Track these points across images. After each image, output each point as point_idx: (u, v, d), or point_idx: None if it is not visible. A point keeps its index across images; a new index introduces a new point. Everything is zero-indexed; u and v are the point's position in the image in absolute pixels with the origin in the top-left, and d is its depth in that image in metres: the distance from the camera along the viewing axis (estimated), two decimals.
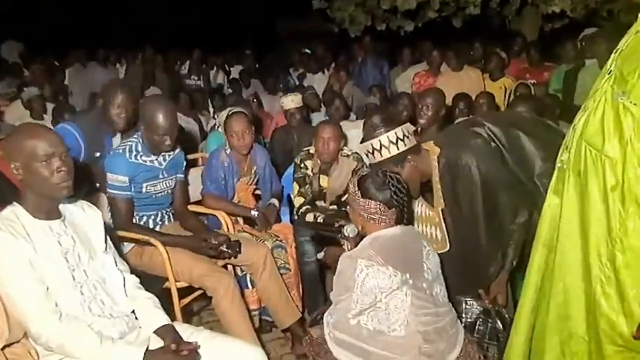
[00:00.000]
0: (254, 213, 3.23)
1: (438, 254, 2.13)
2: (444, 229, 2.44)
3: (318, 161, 3.33)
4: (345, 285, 1.95)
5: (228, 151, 3.28)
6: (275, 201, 3.43)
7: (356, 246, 2.12)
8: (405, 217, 2.07)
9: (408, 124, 2.37)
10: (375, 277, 1.89)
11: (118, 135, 3.13)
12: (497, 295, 2.40)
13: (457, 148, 2.34)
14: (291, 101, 4.39)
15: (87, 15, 12.38)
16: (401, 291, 1.92)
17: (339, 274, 2.00)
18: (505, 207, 2.33)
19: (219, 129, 3.36)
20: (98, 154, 3.04)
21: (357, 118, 5.30)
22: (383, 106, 5.21)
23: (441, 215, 2.44)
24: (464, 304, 2.39)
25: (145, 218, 2.90)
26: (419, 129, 3.69)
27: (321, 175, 3.38)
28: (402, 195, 2.02)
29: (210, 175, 3.26)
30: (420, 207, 2.55)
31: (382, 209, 2.01)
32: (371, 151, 2.31)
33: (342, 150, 3.36)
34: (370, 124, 3.85)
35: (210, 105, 6.44)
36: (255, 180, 3.47)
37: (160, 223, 2.96)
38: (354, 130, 4.17)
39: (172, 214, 3.05)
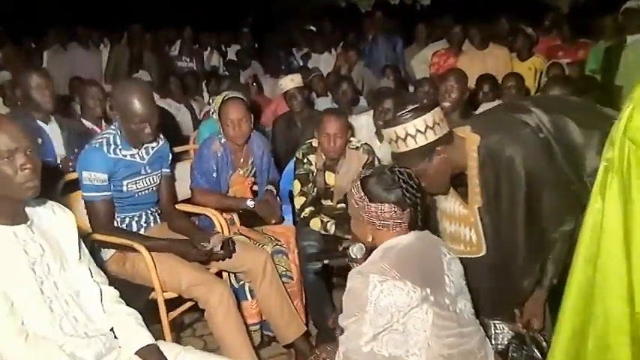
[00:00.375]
0: (250, 203, 3.20)
1: (471, 259, 2.03)
2: (480, 231, 2.32)
3: (323, 156, 3.28)
4: (355, 305, 1.88)
5: (223, 140, 3.25)
6: (270, 187, 3.40)
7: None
8: (420, 220, 2.00)
9: (438, 108, 2.19)
10: (391, 293, 1.82)
11: (54, 121, 3.19)
12: (532, 318, 2.31)
13: (501, 137, 2.19)
14: (291, 81, 4.37)
15: None
16: (420, 309, 1.84)
17: (348, 292, 1.92)
18: (549, 211, 2.21)
19: (214, 116, 3.31)
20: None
21: (368, 104, 5.26)
22: (397, 89, 5.15)
23: (477, 214, 2.31)
24: (493, 328, 2.30)
25: (127, 220, 2.87)
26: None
27: (326, 172, 3.32)
28: (414, 192, 1.95)
29: (200, 166, 3.22)
30: (451, 203, 2.40)
31: (397, 212, 1.93)
32: (394, 139, 2.17)
33: (350, 141, 3.30)
34: (382, 110, 3.82)
35: (205, 90, 6.39)
36: (253, 172, 3.45)
37: (145, 225, 2.93)
38: (364, 117, 4.13)
39: (159, 214, 3.02)
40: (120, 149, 2.73)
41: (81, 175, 2.68)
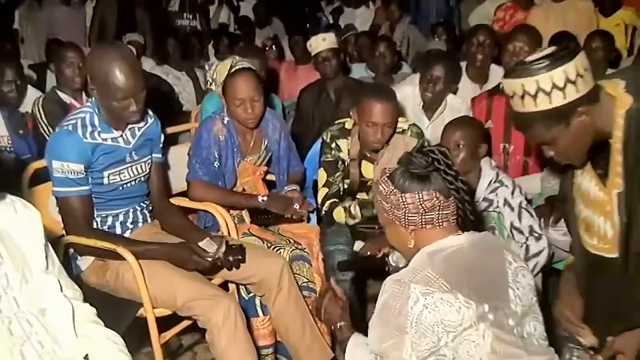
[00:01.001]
0: (262, 199, 3.22)
1: (604, 258, 1.99)
2: (617, 224, 2.15)
3: (358, 144, 3.27)
4: (392, 324, 1.85)
5: (226, 119, 3.25)
6: (295, 187, 3.41)
7: None
8: (469, 214, 1.98)
9: (583, 55, 2.00)
10: (438, 309, 1.79)
11: None
12: (621, 354, 2.23)
13: None
14: (323, 41, 4.41)
15: None
16: (476, 330, 1.81)
17: (383, 308, 1.89)
18: None
19: (215, 88, 3.31)
20: None
21: (413, 71, 5.22)
22: (451, 52, 5.12)
23: (616, 202, 2.14)
24: (567, 354, 2.27)
25: (109, 220, 2.88)
26: (500, 85, 3.58)
27: (363, 162, 3.31)
28: (454, 175, 1.93)
29: (199, 153, 3.22)
30: (587, 180, 2.25)
31: (440, 199, 1.92)
32: (519, 94, 2.02)
33: (397, 123, 3.23)
34: (432, 78, 3.80)
35: (213, 53, 6.43)
36: (267, 159, 3.44)
37: (131, 225, 2.95)
38: (408, 87, 4.10)
39: (149, 211, 3.04)
40: (99, 132, 2.72)
41: (51, 166, 2.68)
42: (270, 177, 3.62)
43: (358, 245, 3.18)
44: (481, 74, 4.29)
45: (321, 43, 4.39)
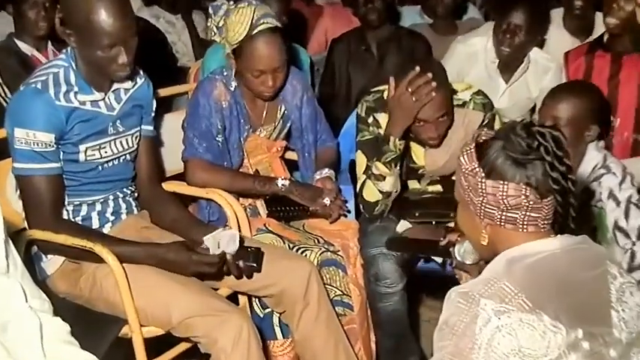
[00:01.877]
0: (282, 184, 3.25)
1: None
2: None
3: None
4: (453, 347, 1.87)
5: (234, 83, 3.28)
6: (329, 172, 3.42)
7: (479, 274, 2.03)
8: (570, 216, 1.97)
9: None
10: (515, 333, 1.80)
11: None
12: None
13: None
14: None
15: None
16: None
17: (443, 326, 1.91)
18: None
19: (221, 41, 3.28)
20: None
21: (485, 18, 5.20)
22: None
23: None
24: None
25: (83, 209, 2.91)
26: (605, 37, 3.61)
27: (412, 143, 3.30)
28: (563, 168, 1.91)
29: (198, 125, 3.26)
30: None
31: (530, 199, 1.91)
32: None
33: (455, 94, 3.24)
34: (509, 27, 3.79)
35: None
36: (285, 132, 3.48)
37: (112, 217, 2.98)
38: (476, 40, 4.12)
39: (135, 199, 3.07)
40: (75, 92, 2.74)
41: (12, 135, 2.70)
42: (291, 155, 3.65)
43: (402, 226, 3.19)
44: (583, 25, 4.25)
45: None
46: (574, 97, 3.01)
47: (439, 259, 3.09)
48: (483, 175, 1.94)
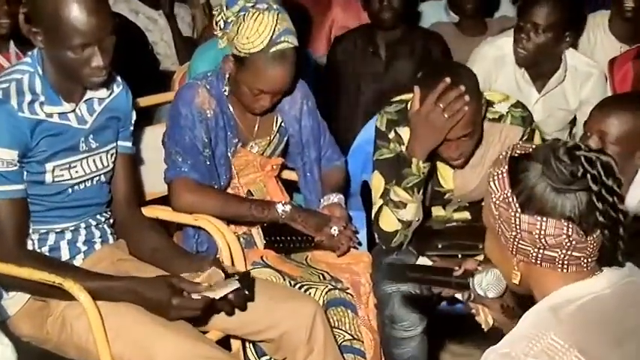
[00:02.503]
0: (282, 210, 3.24)
1: None
2: None
3: None
4: None
5: (217, 86, 3.28)
6: (337, 197, 3.42)
7: (513, 316, 2.03)
8: (620, 250, 1.94)
9: None
10: None
11: None
12: None
13: None
14: None
15: None
16: None
17: None
18: None
19: (224, 42, 3.26)
20: None
21: (519, 14, 5.21)
22: None
23: None
24: None
25: (51, 238, 2.89)
26: None
27: (439, 163, 3.28)
28: (613, 199, 1.88)
29: (180, 138, 3.24)
30: None
31: (573, 238, 1.88)
32: None
33: (491, 106, 3.22)
34: (524, 25, 3.80)
35: None
36: (282, 148, 3.49)
37: (85, 247, 2.97)
38: (505, 39, 4.11)
39: (110, 226, 3.06)
40: (41, 103, 2.73)
41: None
42: (289, 174, 3.65)
43: (422, 261, 3.16)
44: (632, 30, 4.22)
45: None
46: (628, 111, 2.93)
47: (463, 298, 3.07)
48: (518, 207, 1.91)
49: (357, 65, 4.56)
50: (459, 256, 3.17)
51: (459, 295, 2.98)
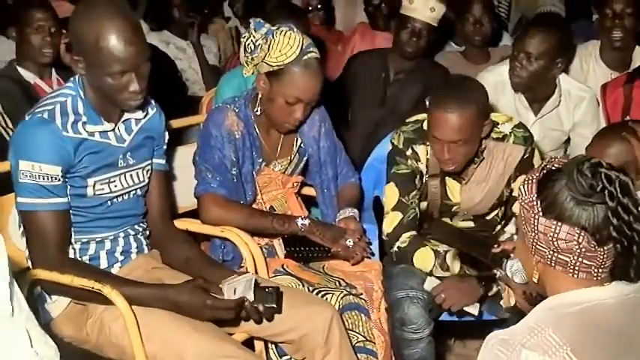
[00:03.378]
0: (302, 224, 3.24)
1: None
2: None
3: None
4: None
5: (244, 109, 3.27)
6: (352, 212, 3.41)
7: (534, 303, 2.03)
8: (632, 267, 1.92)
9: None
10: None
11: None
12: None
13: None
14: (431, 11, 4.30)
15: None
16: None
17: None
18: None
19: (251, 65, 3.27)
20: None
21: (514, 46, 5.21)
22: (562, 18, 5.08)
23: None
24: None
25: (91, 248, 2.90)
26: None
27: (447, 179, 3.31)
28: (628, 216, 1.88)
29: (210, 157, 3.24)
30: None
31: (584, 245, 1.89)
32: None
33: (496, 127, 3.24)
34: (517, 54, 3.80)
35: (231, 11, 6.50)
36: (301, 167, 3.49)
37: (122, 257, 2.97)
38: (504, 66, 4.08)
39: (146, 238, 3.06)
40: (83, 123, 2.74)
41: (16, 168, 2.68)
42: (308, 190, 3.65)
43: (430, 283, 3.12)
44: (621, 59, 4.21)
45: (426, 10, 4.28)
46: (624, 142, 2.91)
47: (475, 312, 3.05)
48: (540, 210, 1.93)
49: (366, 85, 4.51)
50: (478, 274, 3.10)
51: (468, 309, 3.01)
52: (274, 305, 2.73)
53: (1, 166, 2.82)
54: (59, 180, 2.69)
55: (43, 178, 2.66)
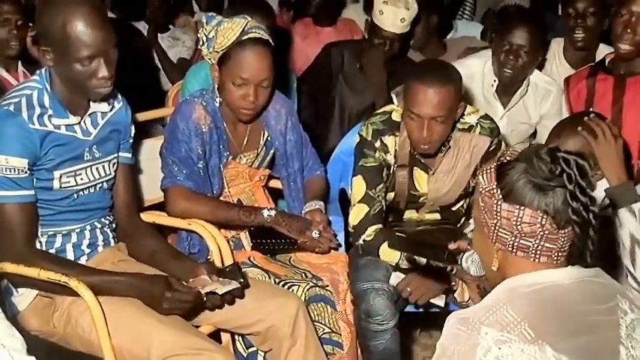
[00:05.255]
0: (268, 215, 3.26)
1: None
2: None
3: (409, 143, 3.26)
4: None
5: (212, 102, 3.29)
6: (318, 204, 3.44)
7: (481, 298, 2.04)
8: (588, 250, 1.97)
9: None
10: None
11: None
12: None
13: None
14: (401, 21, 4.32)
15: None
16: None
17: (441, 354, 1.92)
18: None
19: (208, 53, 3.28)
20: None
21: (483, 36, 5.24)
22: (535, 9, 5.09)
23: None
24: None
25: (58, 240, 2.90)
26: (607, 59, 3.62)
27: (415, 169, 3.32)
28: (585, 199, 1.92)
29: (177, 150, 3.25)
30: None
31: (546, 228, 1.92)
32: None
33: (462, 117, 3.27)
34: (509, 48, 3.80)
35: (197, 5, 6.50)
36: (268, 159, 3.50)
37: (88, 250, 2.97)
38: (474, 61, 4.15)
39: (112, 230, 3.06)
40: (49, 116, 2.73)
41: None
42: (275, 183, 3.66)
43: (396, 278, 3.14)
44: (584, 58, 4.23)
45: (396, 21, 4.31)
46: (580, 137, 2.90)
47: (441, 303, 3.07)
48: (501, 197, 1.95)
49: (340, 75, 4.54)
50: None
51: (434, 300, 3.03)
52: (242, 280, 2.78)
53: None
54: (26, 172, 2.69)
55: (10, 171, 2.66)
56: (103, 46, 2.64)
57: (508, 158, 1.99)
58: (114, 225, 3.07)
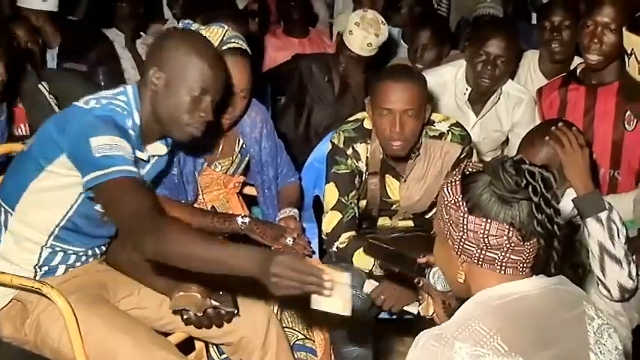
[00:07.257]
0: (242, 222, 3.25)
1: None
2: None
3: (380, 149, 3.28)
4: None
5: None
6: (292, 211, 3.44)
7: (450, 315, 2.03)
8: (553, 260, 1.98)
9: None
10: None
11: None
12: None
13: None
14: (367, 46, 4.37)
15: None
16: None
17: None
18: None
19: None
20: None
21: (456, 46, 5.28)
22: (510, 19, 5.11)
23: None
24: None
25: (57, 258, 2.84)
26: (578, 69, 3.68)
27: (387, 177, 3.34)
28: (550, 211, 1.92)
29: None
30: None
31: (512, 240, 1.93)
32: None
33: (432, 125, 3.30)
34: (488, 57, 3.81)
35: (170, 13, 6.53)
36: (243, 167, 3.50)
37: (84, 258, 2.93)
38: (447, 70, 4.15)
39: (103, 253, 3.02)
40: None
41: (86, 149, 2.51)
42: (249, 190, 3.66)
43: (369, 286, 3.11)
44: (559, 70, 4.23)
45: (364, 45, 4.37)
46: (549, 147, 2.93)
47: (414, 311, 3.07)
48: (466, 209, 1.94)
49: (310, 87, 4.58)
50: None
51: (408, 308, 3.04)
52: (235, 310, 2.79)
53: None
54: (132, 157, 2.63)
55: (124, 150, 2.57)
56: (219, 89, 2.71)
57: (472, 170, 2.00)
58: (104, 248, 3.01)
